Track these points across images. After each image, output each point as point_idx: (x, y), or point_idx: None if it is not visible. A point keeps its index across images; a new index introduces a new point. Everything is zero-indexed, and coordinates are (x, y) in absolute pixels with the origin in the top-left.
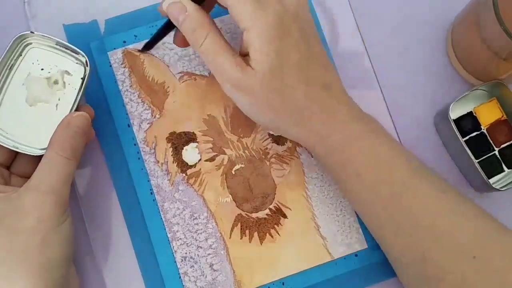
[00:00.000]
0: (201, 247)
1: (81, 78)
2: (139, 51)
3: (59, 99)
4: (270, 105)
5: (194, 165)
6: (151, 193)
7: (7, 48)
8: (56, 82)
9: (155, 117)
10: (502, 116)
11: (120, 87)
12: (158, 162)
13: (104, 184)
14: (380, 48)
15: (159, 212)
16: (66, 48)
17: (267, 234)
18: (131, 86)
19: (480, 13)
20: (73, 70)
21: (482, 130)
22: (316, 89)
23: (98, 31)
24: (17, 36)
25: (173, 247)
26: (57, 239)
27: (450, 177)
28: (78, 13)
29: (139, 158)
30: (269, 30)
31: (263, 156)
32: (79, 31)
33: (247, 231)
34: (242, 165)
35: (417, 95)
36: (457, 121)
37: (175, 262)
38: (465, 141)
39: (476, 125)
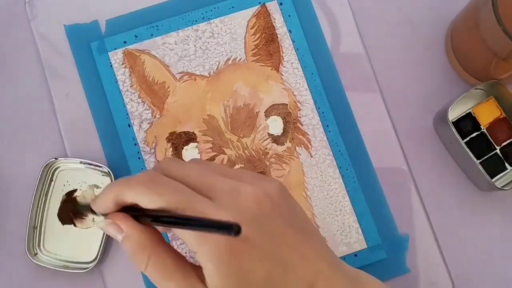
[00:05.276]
0: None
1: None
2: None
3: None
4: None
5: None
6: None
7: (38, 178)
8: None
9: (155, 117)
10: (501, 114)
11: (121, 87)
12: (158, 162)
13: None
14: (380, 49)
15: None
16: (90, 164)
17: None
18: (131, 86)
19: (480, 13)
20: (101, 183)
21: (482, 130)
22: None
23: (99, 31)
24: (44, 165)
25: (173, 247)
26: None
27: (453, 178)
28: (79, 14)
29: (139, 158)
30: (220, 253)
31: (263, 156)
32: (80, 32)
33: None
34: (242, 165)
35: (416, 96)
36: (457, 122)
37: None
38: (465, 142)
39: (476, 125)
